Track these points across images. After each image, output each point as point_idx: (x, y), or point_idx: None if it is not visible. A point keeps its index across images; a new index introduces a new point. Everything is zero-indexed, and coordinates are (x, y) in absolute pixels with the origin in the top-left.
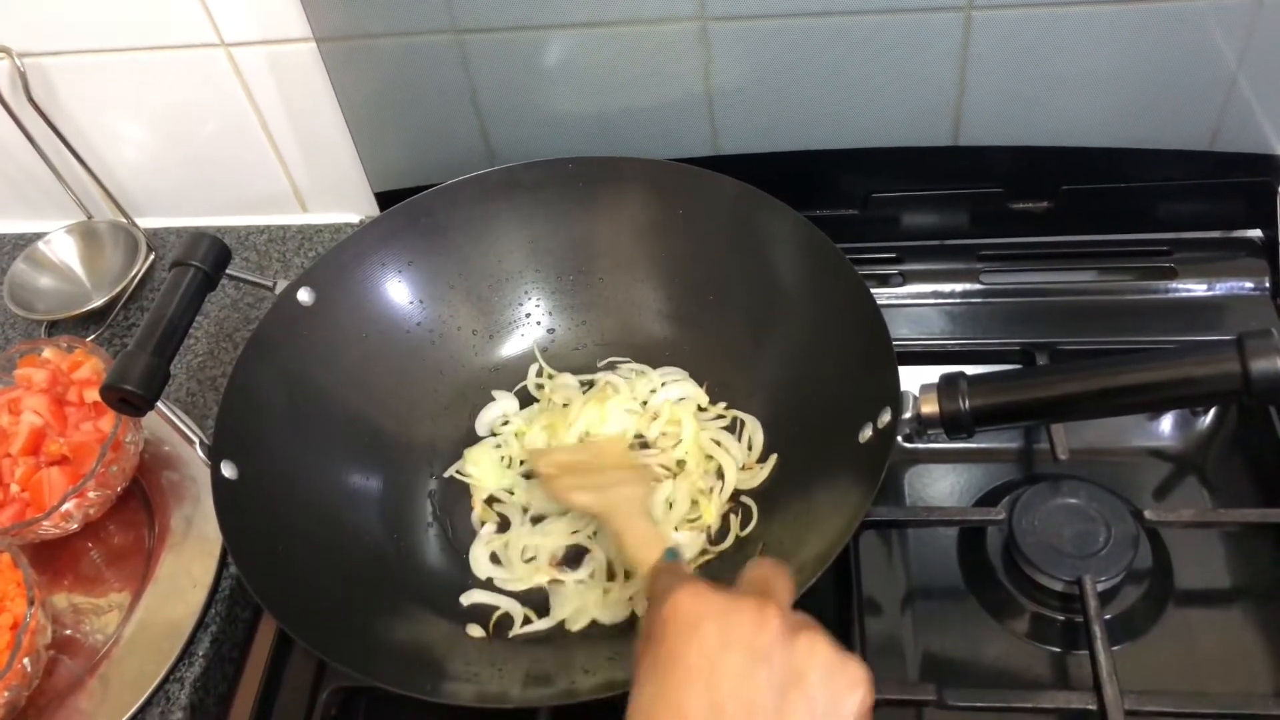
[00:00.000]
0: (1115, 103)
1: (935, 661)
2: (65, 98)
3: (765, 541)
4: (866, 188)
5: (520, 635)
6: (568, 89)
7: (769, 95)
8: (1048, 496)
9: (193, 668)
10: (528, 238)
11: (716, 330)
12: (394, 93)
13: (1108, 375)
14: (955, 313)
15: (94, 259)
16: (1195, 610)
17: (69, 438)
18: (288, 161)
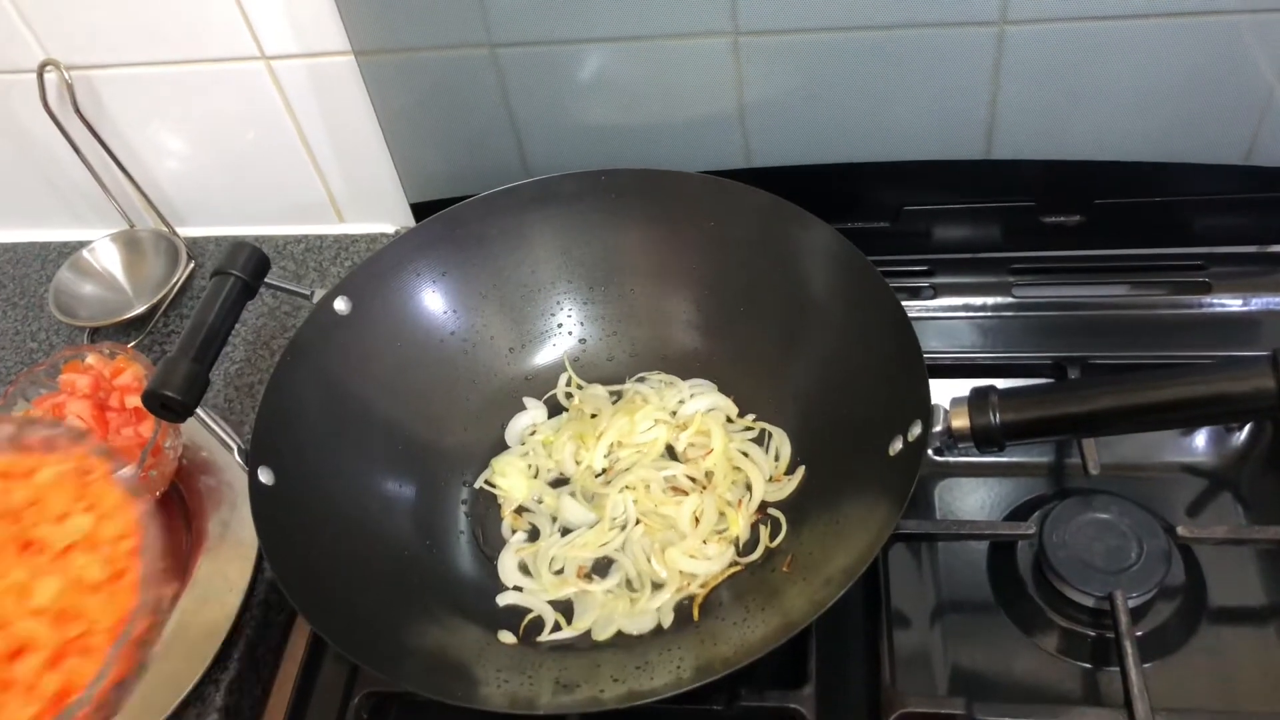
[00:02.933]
0: (1149, 116)
1: (964, 676)
2: (110, 109)
3: (794, 553)
4: (898, 200)
5: (549, 642)
6: (601, 102)
7: (801, 109)
8: (1079, 511)
9: (228, 671)
10: (561, 249)
11: (746, 342)
12: (430, 105)
13: (1140, 391)
14: (986, 326)
15: (136, 267)
16: (1228, 628)
17: (110, 442)
18: (325, 172)
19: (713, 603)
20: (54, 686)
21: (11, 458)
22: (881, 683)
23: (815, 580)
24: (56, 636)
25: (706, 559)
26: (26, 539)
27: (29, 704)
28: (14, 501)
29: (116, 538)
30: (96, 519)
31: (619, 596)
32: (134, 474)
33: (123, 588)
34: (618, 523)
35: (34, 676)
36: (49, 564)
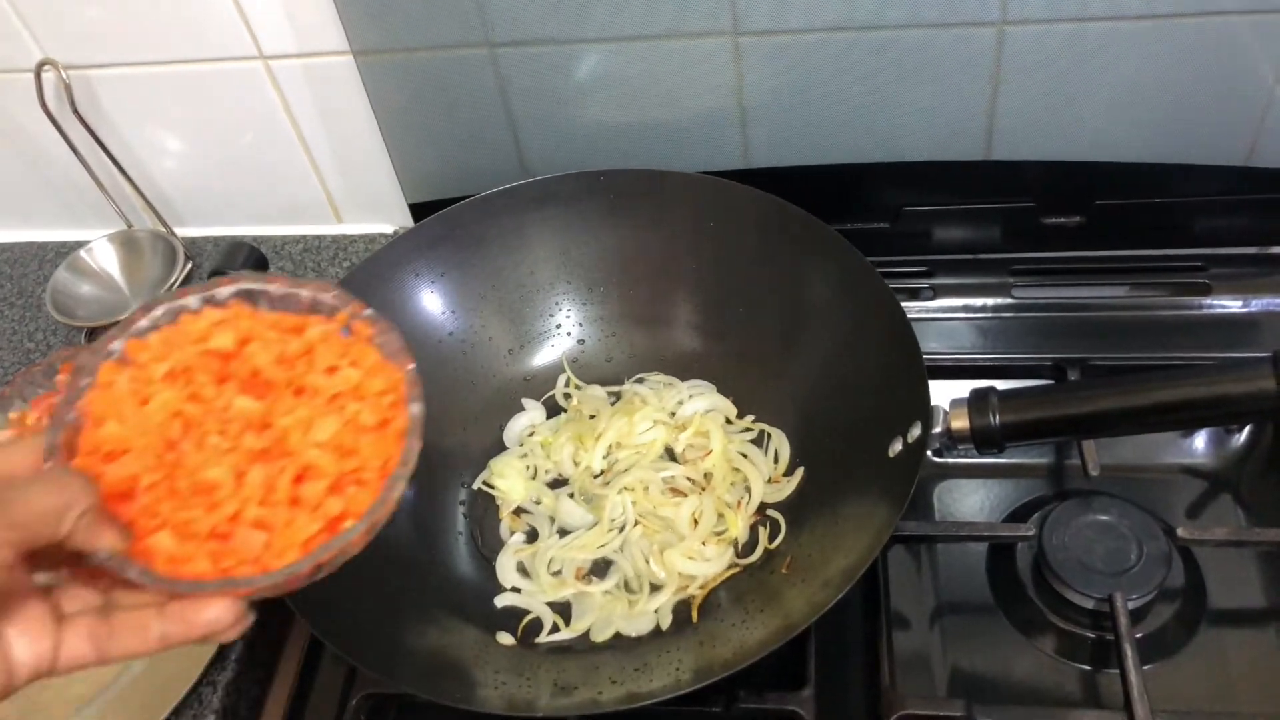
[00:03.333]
0: (1150, 117)
1: (964, 677)
2: (108, 109)
3: (793, 555)
4: (898, 201)
5: (547, 643)
6: (600, 102)
7: (800, 109)
8: (1078, 513)
9: (225, 671)
10: (559, 249)
11: (746, 343)
12: (429, 105)
13: (1140, 392)
14: (986, 327)
15: (134, 267)
16: (1228, 630)
17: None
18: (323, 172)
19: (711, 604)
20: (335, 510)
21: (280, 314)
22: (881, 684)
23: (814, 582)
24: (337, 467)
25: (705, 560)
26: (299, 385)
27: (313, 522)
28: (288, 351)
29: (379, 393)
30: (363, 374)
31: (617, 598)
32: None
33: (389, 434)
34: (616, 524)
35: (318, 499)
36: (324, 406)
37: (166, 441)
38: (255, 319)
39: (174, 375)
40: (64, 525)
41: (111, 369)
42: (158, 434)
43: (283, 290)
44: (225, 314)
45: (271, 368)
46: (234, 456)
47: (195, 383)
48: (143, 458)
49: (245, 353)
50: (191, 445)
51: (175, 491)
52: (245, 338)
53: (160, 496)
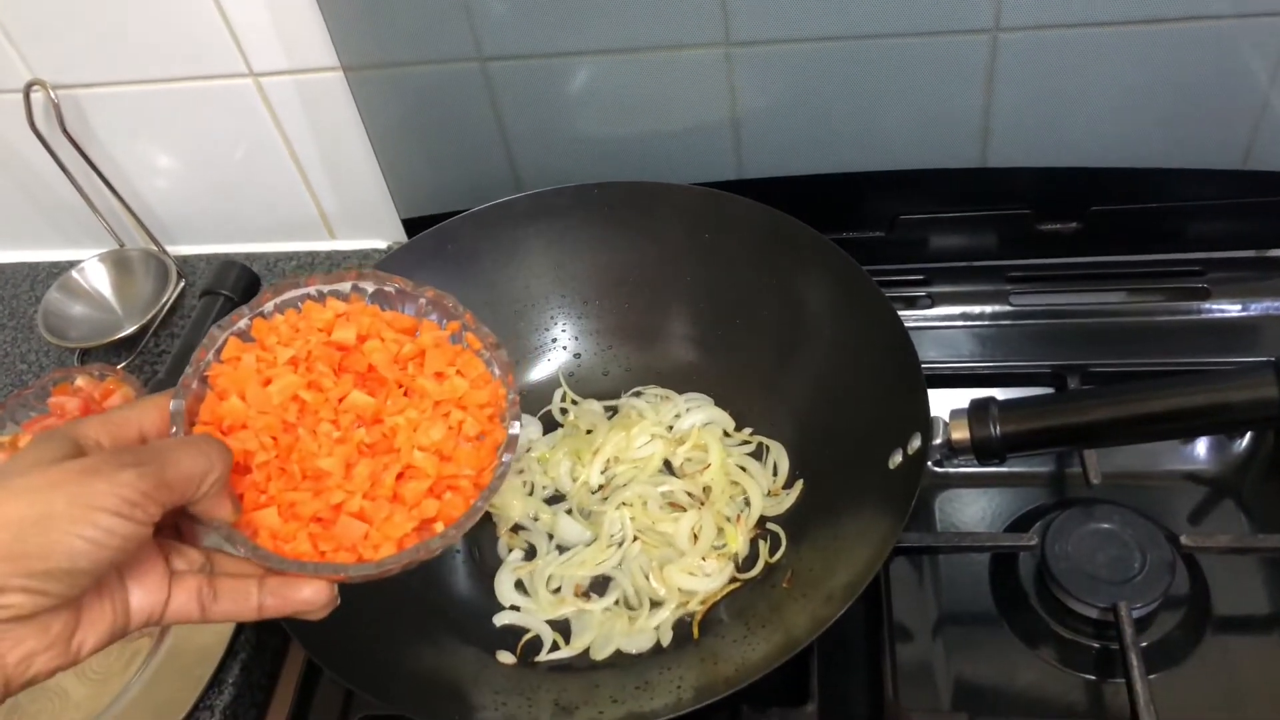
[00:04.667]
0: (1145, 122)
1: (967, 688)
2: (97, 128)
3: (794, 569)
4: (893, 210)
5: (547, 661)
6: (593, 115)
7: (794, 119)
8: (1081, 521)
9: (223, 695)
10: (554, 263)
11: (743, 355)
12: (421, 120)
13: (1141, 401)
14: (984, 335)
15: (125, 287)
16: (1234, 637)
17: None
18: (316, 189)
19: (712, 620)
20: (430, 511)
21: (396, 314)
22: (885, 699)
23: (817, 597)
24: (437, 471)
25: (705, 576)
26: (409, 386)
27: (409, 520)
28: (403, 352)
29: (481, 405)
30: (469, 384)
31: (617, 615)
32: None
33: (485, 446)
34: (615, 540)
35: (417, 499)
36: (431, 410)
37: (284, 423)
38: (375, 316)
39: (296, 361)
40: (201, 490)
41: (238, 345)
42: (276, 415)
43: (403, 291)
44: (348, 307)
45: (386, 366)
46: (345, 448)
47: (315, 371)
48: (259, 436)
49: (364, 348)
50: (306, 431)
51: (286, 472)
52: (365, 334)
53: (271, 475)
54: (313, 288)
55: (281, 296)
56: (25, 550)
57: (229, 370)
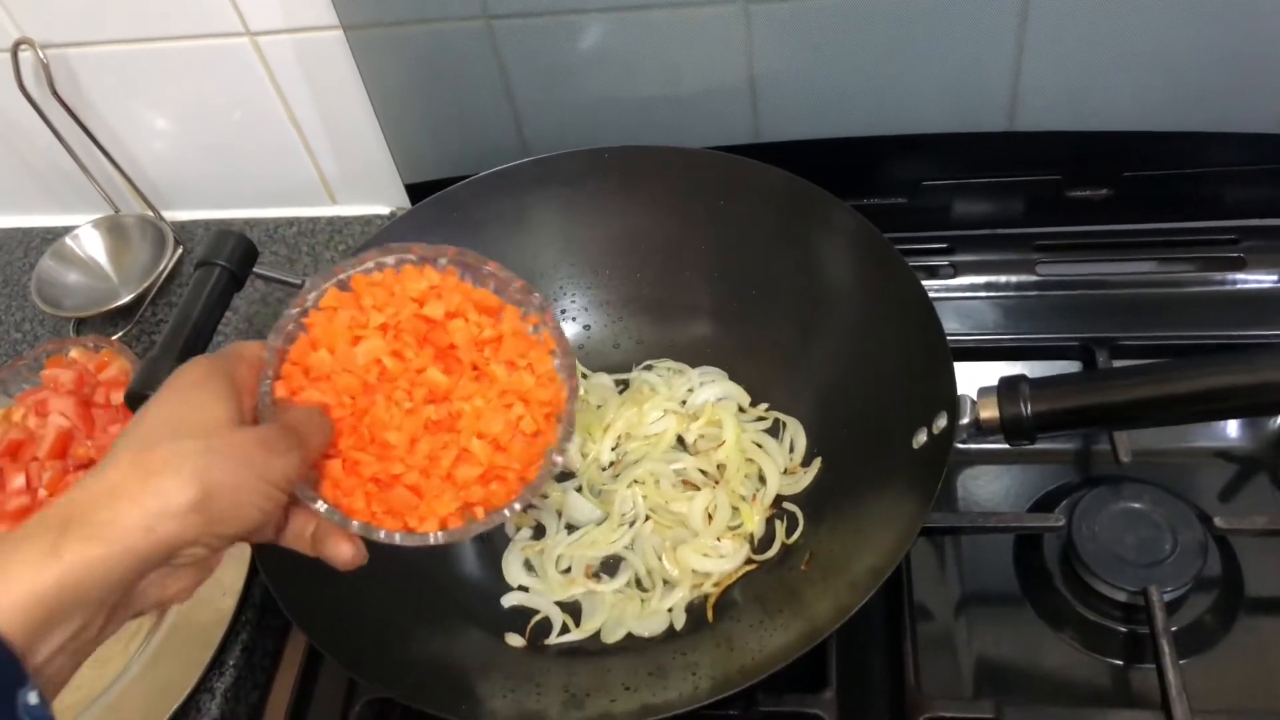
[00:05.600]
0: (1181, 85)
1: (990, 673)
2: (89, 89)
3: (812, 550)
4: (916, 175)
5: (556, 645)
6: (604, 76)
7: (814, 80)
8: (1109, 501)
9: (224, 677)
10: (563, 231)
11: (759, 327)
12: (424, 81)
13: (1181, 380)
14: (1009, 306)
15: (121, 254)
16: (1268, 619)
17: (97, 440)
18: (316, 152)
19: (728, 603)
20: (475, 497)
21: (483, 294)
22: (906, 685)
23: (838, 582)
24: (489, 460)
25: (720, 557)
26: (482, 369)
27: (455, 501)
28: (483, 335)
29: (541, 403)
30: (536, 380)
31: (629, 597)
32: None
33: (536, 444)
34: (626, 519)
35: (467, 483)
36: (496, 398)
37: (364, 384)
38: (465, 294)
39: (386, 328)
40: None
41: (336, 295)
42: (358, 376)
43: (497, 275)
44: (442, 280)
45: (466, 347)
46: (412, 420)
47: (402, 340)
48: (340, 394)
49: (449, 326)
50: (383, 397)
51: (356, 430)
52: (453, 313)
53: (343, 431)
54: (413, 254)
55: (385, 258)
56: (220, 515)
57: (324, 320)
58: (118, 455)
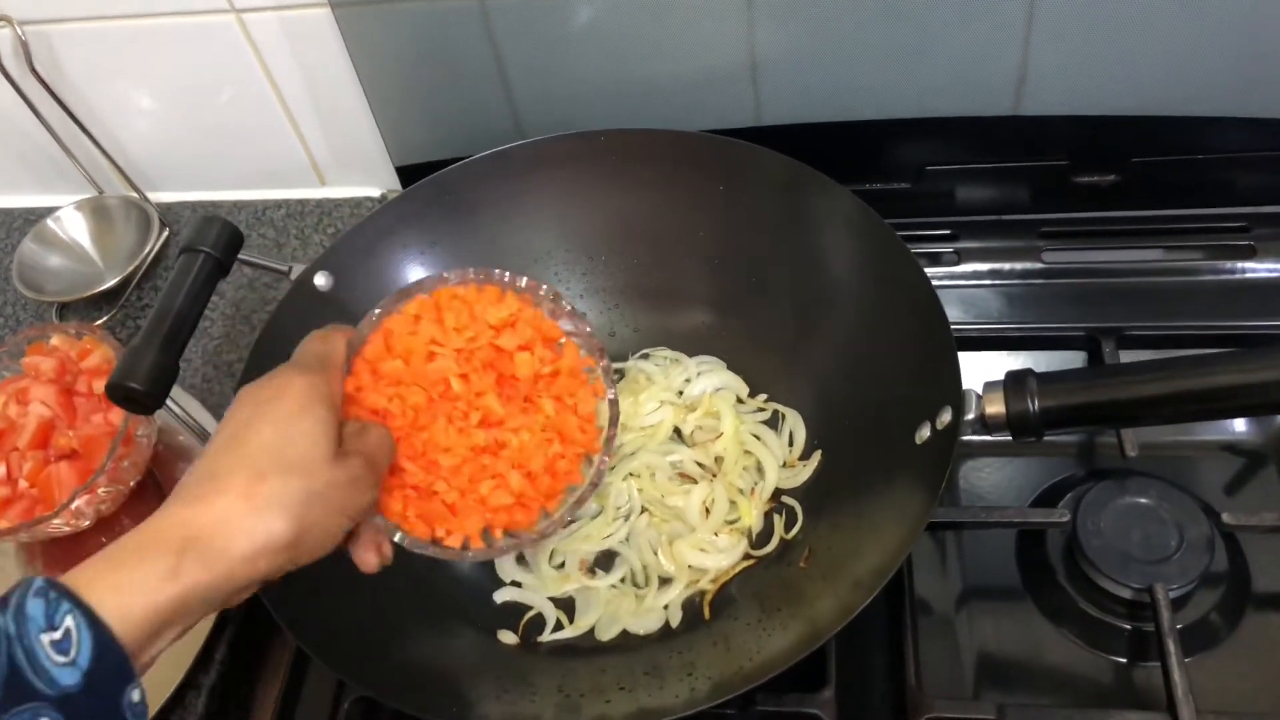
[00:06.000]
0: (1191, 68)
1: (992, 671)
2: (70, 68)
3: (811, 547)
4: (920, 160)
5: (550, 642)
6: (600, 56)
7: (816, 62)
8: (1114, 495)
9: (210, 674)
10: (557, 216)
11: (758, 316)
12: (415, 61)
13: (1193, 377)
14: (1014, 294)
15: (105, 236)
16: (1276, 616)
17: (78, 430)
18: (305, 133)
19: (725, 601)
20: (500, 521)
21: (550, 325)
22: (907, 684)
23: (840, 580)
24: (521, 489)
25: (718, 552)
26: (531, 402)
27: (481, 522)
28: (543, 370)
29: (574, 443)
30: (579, 423)
31: (624, 593)
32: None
33: (560, 481)
34: (621, 513)
35: (496, 508)
36: (539, 432)
37: (428, 400)
38: (536, 326)
39: (461, 352)
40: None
41: (420, 304)
42: (424, 392)
43: (571, 316)
44: (518, 309)
45: (526, 380)
46: (462, 441)
47: (472, 364)
48: (404, 403)
49: (516, 357)
50: (443, 417)
51: (409, 441)
52: (523, 345)
53: (398, 436)
54: (502, 276)
55: (468, 274)
56: (309, 549)
57: (404, 328)
58: (229, 480)
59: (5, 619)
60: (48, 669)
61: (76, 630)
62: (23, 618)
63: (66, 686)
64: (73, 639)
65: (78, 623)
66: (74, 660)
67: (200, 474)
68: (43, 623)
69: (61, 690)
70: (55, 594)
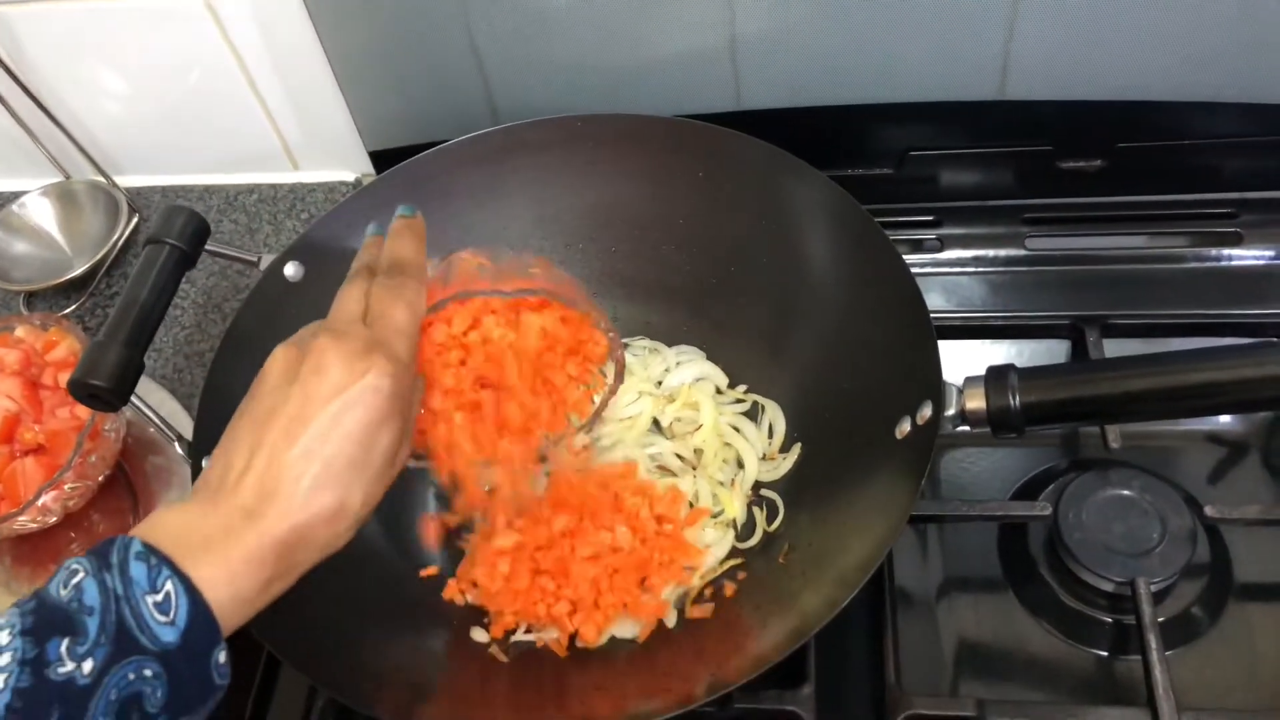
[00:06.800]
0: (1178, 52)
1: (972, 664)
2: (31, 50)
3: (790, 542)
4: (903, 145)
5: (526, 641)
6: (577, 39)
7: (798, 44)
8: (1096, 487)
9: None
10: (533, 203)
11: (738, 306)
12: (387, 43)
13: (1178, 372)
14: (997, 281)
15: (73, 223)
16: (1257, 606)
17: (44, 425)
18: (276, 117)
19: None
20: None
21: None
22: (886, 681)
23: (823, 575)
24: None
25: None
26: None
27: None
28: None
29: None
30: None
31: None
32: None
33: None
34: None
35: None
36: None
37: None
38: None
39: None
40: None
41: (478, 307)
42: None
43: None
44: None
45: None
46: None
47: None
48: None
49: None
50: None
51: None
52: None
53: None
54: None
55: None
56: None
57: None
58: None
59: (113, 579)
60: (151, 626)
61: (175, 594)
62: (128, 580)
63: (167, 643)
64: (172, 601)
65: (176, 588)
66: (174, 620)
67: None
68: (146, 585)
69: (163, 646)
70: (156, 560)
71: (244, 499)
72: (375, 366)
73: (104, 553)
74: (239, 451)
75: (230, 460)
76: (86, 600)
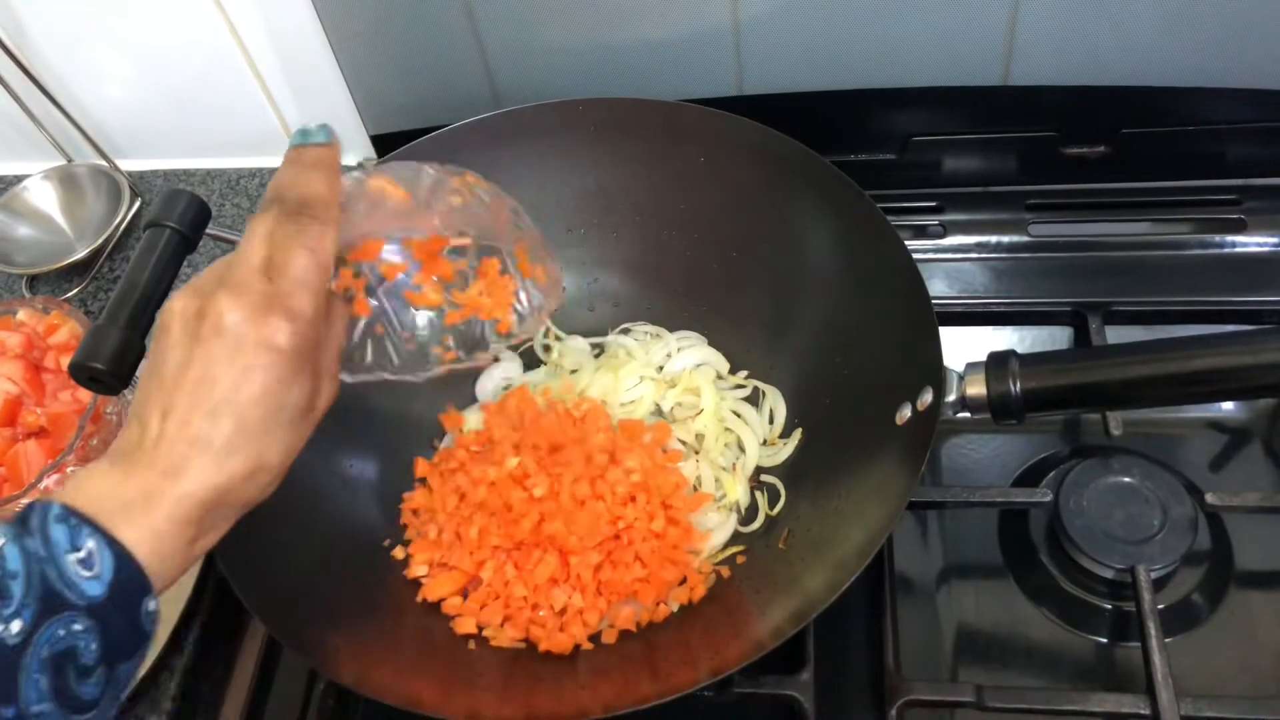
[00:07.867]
0: (1183, 38)
1: (972, 648)
2: (33, 32)
3: (791, 527)
4: (906, 130)
5: None
6: (579, 23)
7: (800, 28)
8: (1097, 474)
9: (183, 656)
10: (534, 187)
11: (739, 291)
12: (388, 26)
13: (1179, 359)
14: (1000, 268)
15: (75, 206)
16: (1257, 594)
17: (47, 408)
18: (277, 100)
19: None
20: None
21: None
22: (885, 667)
23: (823, 560)
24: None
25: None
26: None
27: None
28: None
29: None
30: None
31: None
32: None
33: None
34: None
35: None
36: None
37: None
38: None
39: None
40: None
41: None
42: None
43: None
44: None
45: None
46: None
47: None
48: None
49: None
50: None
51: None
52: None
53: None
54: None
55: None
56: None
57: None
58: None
59: (35, 543)
60: (77, 583)
61: (98, 549)
62: (49, 541)
63: (94, 597)
64: (95, 557)
65: (98, 543)
66: (98, 574)
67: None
68: (67, 545)
69: (90, 600)
70: (76, 520)
71: (160, 463)
72: (273, 327)
73: (24, 518)
74: (152, 414)
75: (145, 422)
76: (9, 565)
